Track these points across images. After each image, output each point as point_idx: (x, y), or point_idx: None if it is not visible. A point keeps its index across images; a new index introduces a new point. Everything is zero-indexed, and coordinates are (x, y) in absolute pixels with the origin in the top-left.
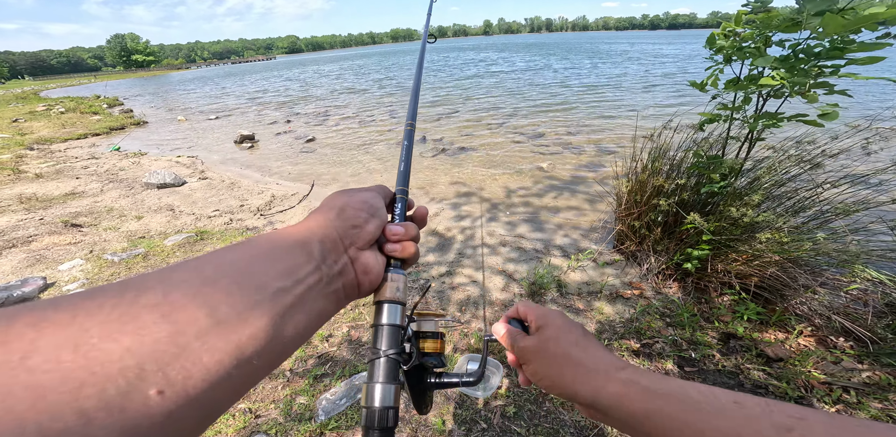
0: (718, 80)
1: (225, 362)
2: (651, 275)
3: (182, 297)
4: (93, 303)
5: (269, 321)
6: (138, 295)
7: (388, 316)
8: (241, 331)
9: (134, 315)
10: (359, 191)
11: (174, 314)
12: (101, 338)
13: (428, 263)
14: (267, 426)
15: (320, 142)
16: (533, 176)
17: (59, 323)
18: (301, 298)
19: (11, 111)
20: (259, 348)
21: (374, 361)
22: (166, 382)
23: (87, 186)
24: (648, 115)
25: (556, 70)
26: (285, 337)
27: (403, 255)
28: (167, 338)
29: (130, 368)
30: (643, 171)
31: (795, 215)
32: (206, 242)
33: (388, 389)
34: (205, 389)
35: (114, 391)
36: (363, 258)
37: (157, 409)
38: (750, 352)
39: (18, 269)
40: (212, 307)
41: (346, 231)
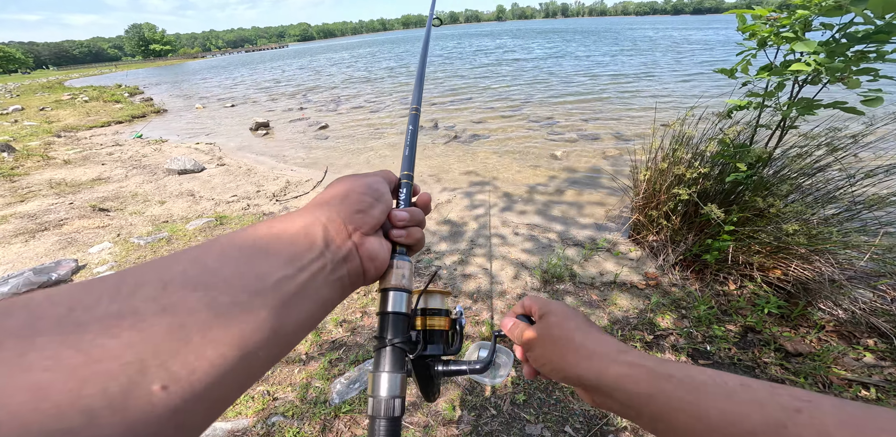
0: (750, 65)
1: (229, 355)
2: (668, 266)
3: (181, 288)
4: (90, 296)
5: (273, 311)
6: (136, 287)
7: (394, 304)
8: (244, 322)
9: (132, 309)
10: (363, 176)
11: (174, 307)
12: (101, 333)
13: (440, 251)
14: (284, 408)
15: (333, 129)
16: (547, 164)
17: (55, 317)
18: (304, 286)
19: (38, 100)
20: (263, 338)
21: (379, 349)
22: (170, 377)
23: (113, 171)
24: (676, 104)
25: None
26: (289, 327)
27: (409, 241)
28: (168, 332)
29: (132, 363)
30: (664, 159)
31: (825, 206)
32: (225, 226)
33: (395, 378)
34: (210, 383)
35: (117, 388)
36: (368, 244)
37: (162, 405)
38: (768, 346)
39: (51, 251)
40: (212, 298)
41: (351, 216)
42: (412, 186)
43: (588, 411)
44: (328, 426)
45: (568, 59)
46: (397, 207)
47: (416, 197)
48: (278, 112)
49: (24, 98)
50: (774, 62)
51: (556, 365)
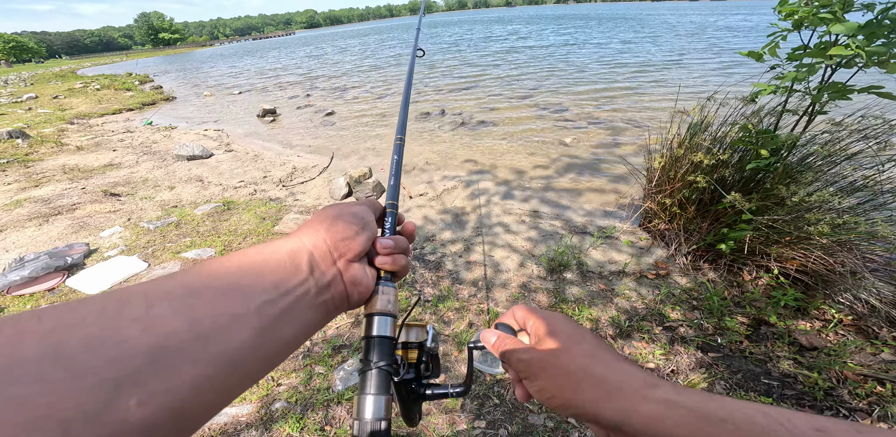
0: (779, 48)
1: (207, 374)
2: (680, 255)
3: (165, 309)
4: (75, 316)
5: (254, 333)
6: (120, 308)
7: (379, 328)
8: (225, 343)
9: (115, 328)
10: (350, 205)
11: (156, 328)
12: (82, 350)
13: (443, 239)
14: (288, 394)
15: (339, 116)
16: (556, 151)
17: (40, 335)
18: (288, 309)
19: (52, 88)
20: (242, 359)
21: (365, 372)
22: (147, 394)
23: (124, 157)
24: (699, 91)
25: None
26: (271, 348)
27: (393, 268)
28: (147, 351)
29: (109, 380)
30: (679, 146)
31: (852, 195)
32: (232, 211)
33: (380, 400)
34: (186, 400)
35: (93, 404)
36: (352, 270)
37: (137, 420)
38: (782, 340)
39: (64, 235)
40: (194, 320)
41: (336, 243)
42: (397, 215)
43: None
44: (331, 413)
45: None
46: (382, 236)
47: (401, 226)
48: (285, 99)
49: (37, 87)
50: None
51: (567, 401)
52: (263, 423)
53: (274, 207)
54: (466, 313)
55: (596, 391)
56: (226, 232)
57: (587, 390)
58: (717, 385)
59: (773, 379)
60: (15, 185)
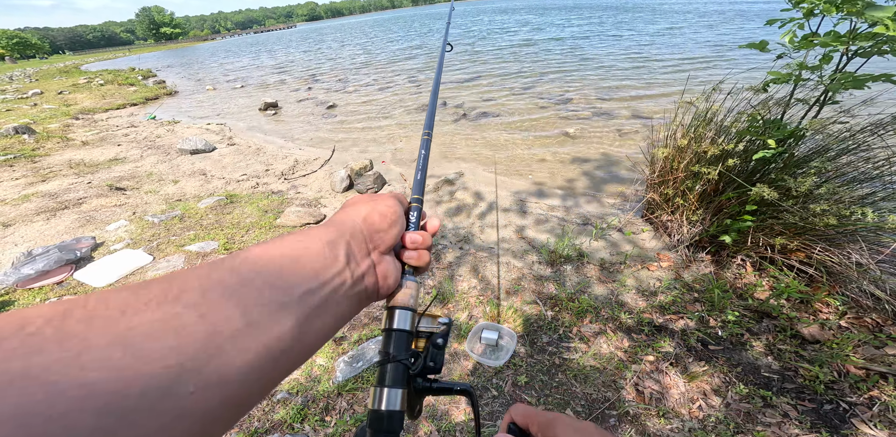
0: (795, 36)
1: (254, 363)
2: (682, 247)
3: (219, 297)
4: (138, 300)
5: (296, 322)
6: (180, 294)
7: (399, 321)
8: (271, 332)
9: (175, 314)
10: (383, 198)
11: (211, 314)
12: (147, 337)
13: (445, 228)
14: (289, 386)
15: (341, 108)
16: (558, 141)
17: (109, 319)
18: (326, 299)
19: (56, 84)
20: (285, 348)
21: (383, 364)
22: (202, 382)
23: (129, 152)
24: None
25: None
26: (309, 337)
27: (419, 263)
28: (205, 338)
29: (172, 367)
30: (683, 136)
31: (862, 185)
32: (235, 204)
33: (396, 393)
34: (236, 388)
35: (156, 391)
36: (384, 263)
37: (192, 408)
38: (784, 332)
39: (71, 228)
40: (245, 308)
41: (372, 235)
42: (422, 210)
43: (590, 394)
44: (331, 403)
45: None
46: (408, 230)
47: (425, 221)
48: (287, 92)
49: (42, 82)
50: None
51: None
52: (265, 414)
53: (276, 200)
54: (466, 305)
55: None
56: (229, 225)
57: None
58: (716, 378)
59: (774, 372)
60: (23, 180)
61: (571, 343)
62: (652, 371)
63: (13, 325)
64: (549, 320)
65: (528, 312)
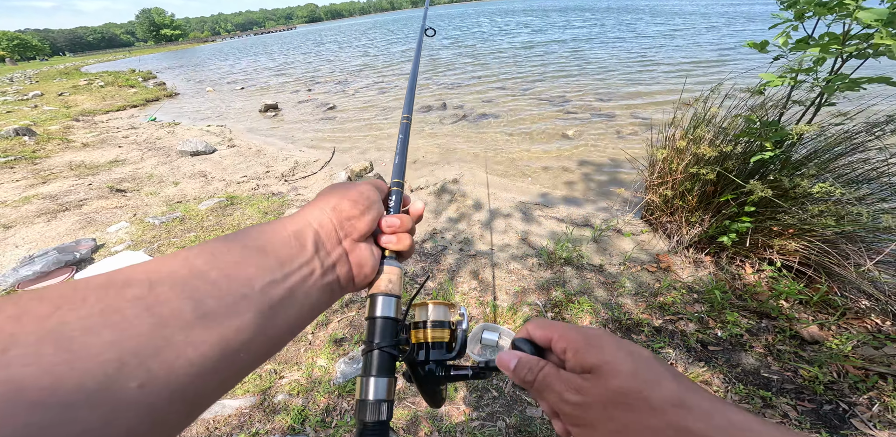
0: (790, 38)
1: (210, 355)
2: (681, 248)
3: (169, 290)
4: (76, 295)
5: (257, 314)
6: (123, 288)
7: (382, 309)
8: (228, 324)
9: (117, 308)
10: (355, 184)
11: (158, 307)
12: (83, 331)
13: (443, 229)
14: (290, 387)
15: (341, 109)
16: (557, 143)
17: (40, 315)
18: (293, 290)
19: (57, 86)
20: (246, 340)
21: (368, 353)
22: (148, 375)
23: (129, 154)
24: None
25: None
26: (276, 329)
27: (398, 247)
28: (149, 332)
29: (111, 361)
30: (682, 138)
31: (857, 186)
32: (235, 206)
33: (382, 382)
34: (188, 382)
35: (94, 385)
36: (358, 251)
37: (139, 402)
38: (783, 333)
39: (72, 230)
40: (197, 300)
41: (342, 223)
42: (402, 194)
43: None
44: (332, 405)
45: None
46: (387, 214)
47: (409, 205)
48: (287, 94)
49: (43, 84)
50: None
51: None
52: (266, 415)
53: (276, 201)
54: (466, 306)
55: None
56: (229, 227)
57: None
58: (716, 379)
59: (773, 373)
60: (23, 181)
61: None
62: None
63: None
64: None
65: (528, 313)
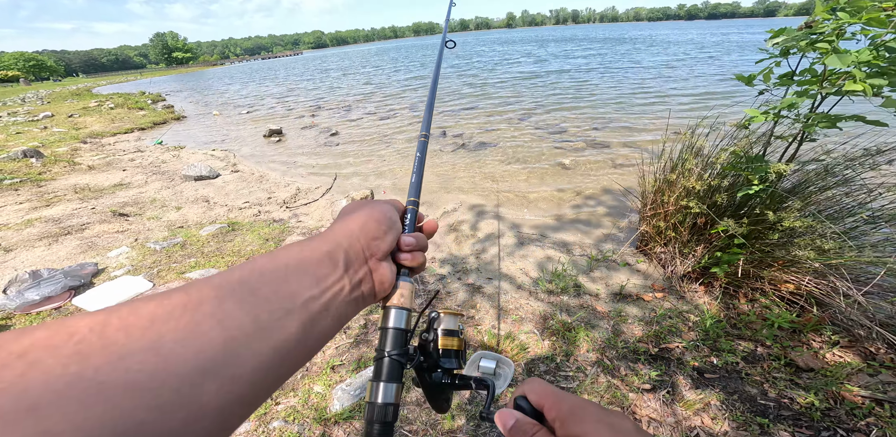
0: (773, 73)
1: (266, 364)
2: (675, 278)
3: (233, 305)
4: (162, 310)
5: (300, 326)
6: (200, 305)
7: (395, 320)
8: (278, 336)
9: (197, 322)
10: (378, 204)
11: (227, 321)
12: (175, 343)
13: (444, 259)
14: (286, 413)
15: (343, 136)
16: (554, 172)
17: (142, 328)
18: (327, 305)
19: (67, 107)
20: (291, 349)
21: (379, 360)
22: (220, 381)
23: (133, 177)
24: None
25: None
26: (312, 340)
27: (413, 264)
28: (222, 343)
29: (196, 369)
30: (672, 170)
31: (841, 221)
32: (236, 232)
33: (390, 387)
34: (249, 387)
35: (187, 389)
36: (381, 269)
37: (213, 404)
38: (778, 361)
39: (73, 254)
40: (256, 315)
41: (368, 243)
42: (417, 213)
43: None
44: (328, 432)
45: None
46: (403, 233)
47: (423, 223)
48: (291, 119)
49: (54, 105)
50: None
51: None
52: None
53: (277, 228)
54: (465, 334)
55: None
56: (229, 253)
57: None
58: (713, 406)
59: (770, 400)
60: (27, 204)
61: (569, 372)
62: (649, 400)
63: (63, 334)
64: (546, 349)
65: (526, 341)
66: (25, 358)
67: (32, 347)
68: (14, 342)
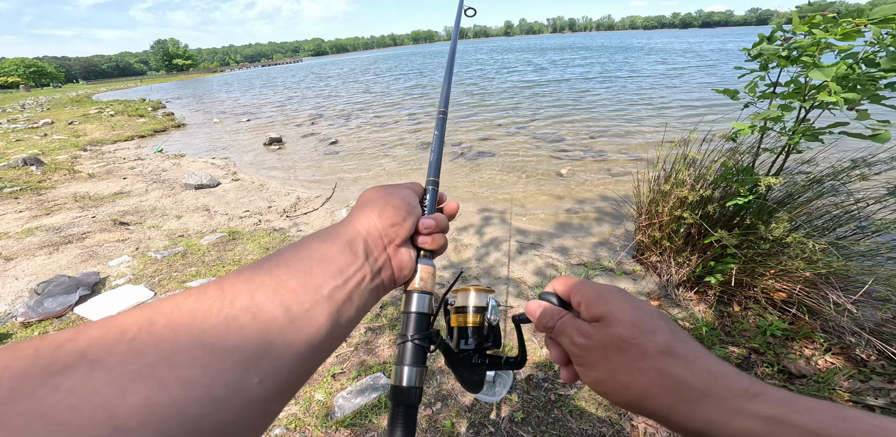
0: (757, 87)
1: (300, 354)
2: (671, 287)
3: (265, 299)
4: (202, 306)
5: (329, 316)
6: (234, 299)
7: (417, 305)
8: (309, 326)
9: (234, 317)
10: (396, 189)
11: (261, 315)
12: (217, 338)
13: (440, 267)
14: (287, 421)
15: (343, 144)
16: (551, 181)
17: (186, 325)
18: (350, 294)
19: (67, 114)
20: (321, 339)
21: (402, 345)
22: (262, 373)
23: (134, 186)
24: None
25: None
26: (339, 328)
27: (433, 246)
28: (259, 336)
29: (240, 363)
30: (666, 181)
31: (829, 232)
32: (237, 241)
33: (413, 371)
34: (288, 377)
35: (234, 382)
36: (400, 255)
37: (258, 395)
38: (771, 367)
39: (73, 263)
40: (286, 307)
41: (387, 230)
42: (437, 193)
43: (586, 430)
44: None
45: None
46: (423, 214)
47: (444, 204)
48: (291, 127)
49: (54, 112)
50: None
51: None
52: None
53: (277, 237)
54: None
55: (672, 396)
56: (230, 262)
57: (661, 394)
58: None
59: None
60: (27, 212)
61: None
62: None
63: (116, 333)
64: (544, 357)
65: None
66: (86, 357)
67: (90, 346)
68: (72, 342)
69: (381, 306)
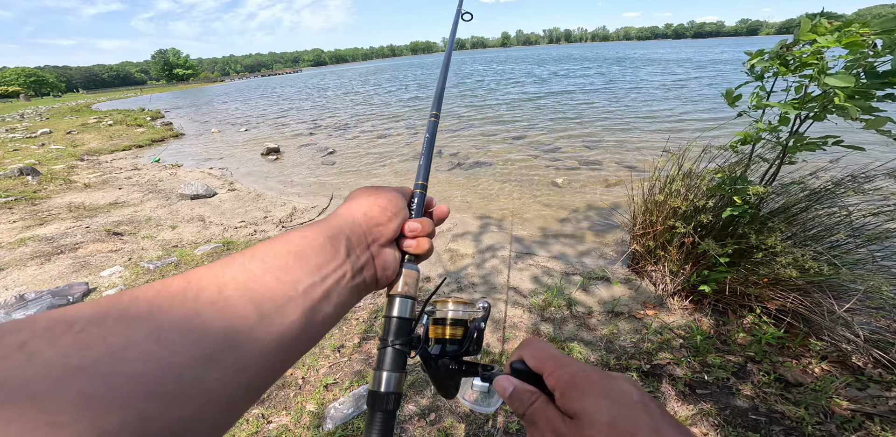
0: (760, 98)
1: (269, 351)
2: (666, 296)
3: (234, 293)
4: (163, 301)
5: (302, 314)
6: (199, 293)
7: (399, 309)
8: (280, 323)
9: (197, 312)
10: (384, 190)
11: (228, 310)
12: (176, 333)
13: (433, 278)
14: (277, 432)
15: (340, 154)
16: (547, 191)
17: (142, 318)
18: (328, 291)
19: (66, 123)
20: (293, 336)
21: (382, 349)
22: (224, 369)
23: (129, 196)
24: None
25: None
26: (315, 326)
27: (417, 251)
28: (223, 332)
29: (198, 358)
30: (660, 191)
31: (821, 241)
32: (231, 252)
33: (392, 376)
34: (253, 375)
35: (190, 378)
36: (383, 255)
37: (219, 392)
38: (768, 376)
39: (64, 274)
40: (257, 303)
41: (371, 229)
42: (425, 197)
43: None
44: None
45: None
46: (410, 217)
47: (433, 209)
48: (289, 136)
49: (52, 121)
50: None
51: None
52: None
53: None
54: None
55: None
56: None
57: None
58: (706, 421)
59: (761, 415)
60: (20, 223)
61: None
62: None
63: (63, 325)
64: None
65: None
66: (25, 349)
67: (32, 338)
68: (13, 334)
69: (374, 315)
